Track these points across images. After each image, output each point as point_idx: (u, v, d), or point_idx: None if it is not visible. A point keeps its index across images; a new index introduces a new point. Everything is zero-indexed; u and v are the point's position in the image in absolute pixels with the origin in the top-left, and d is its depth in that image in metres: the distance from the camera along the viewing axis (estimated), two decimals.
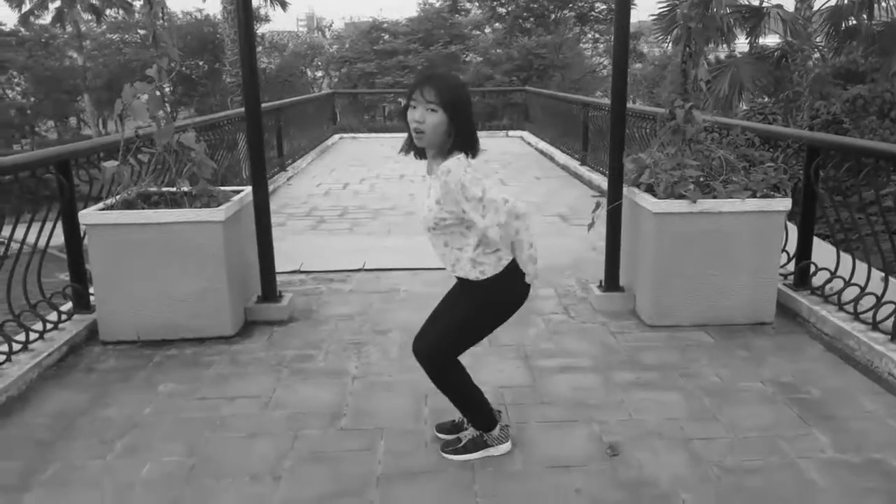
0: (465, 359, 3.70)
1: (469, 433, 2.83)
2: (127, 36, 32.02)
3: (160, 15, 4.01)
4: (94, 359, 3.85)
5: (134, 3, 30.41)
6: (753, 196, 4.01)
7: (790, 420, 3.07)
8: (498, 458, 2.78)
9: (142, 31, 32.18)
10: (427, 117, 2.39)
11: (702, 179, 4.12)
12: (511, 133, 16.67)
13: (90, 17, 30.65)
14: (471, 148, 2.48)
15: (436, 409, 3.18)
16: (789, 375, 3.50)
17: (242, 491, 2.61)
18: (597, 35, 31.82)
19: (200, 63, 30.45)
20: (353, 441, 2.94)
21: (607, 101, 10.85)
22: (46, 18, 30.26)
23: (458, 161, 2.42)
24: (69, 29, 30.23)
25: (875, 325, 3.74)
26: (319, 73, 34.53)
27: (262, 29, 31.13)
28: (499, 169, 11.00)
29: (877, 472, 2.67)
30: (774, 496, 2.53)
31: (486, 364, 3.65)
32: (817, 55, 12.96)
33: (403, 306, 4.61)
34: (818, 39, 12.37)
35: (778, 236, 4.12)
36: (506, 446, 2.80)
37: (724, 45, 13.03)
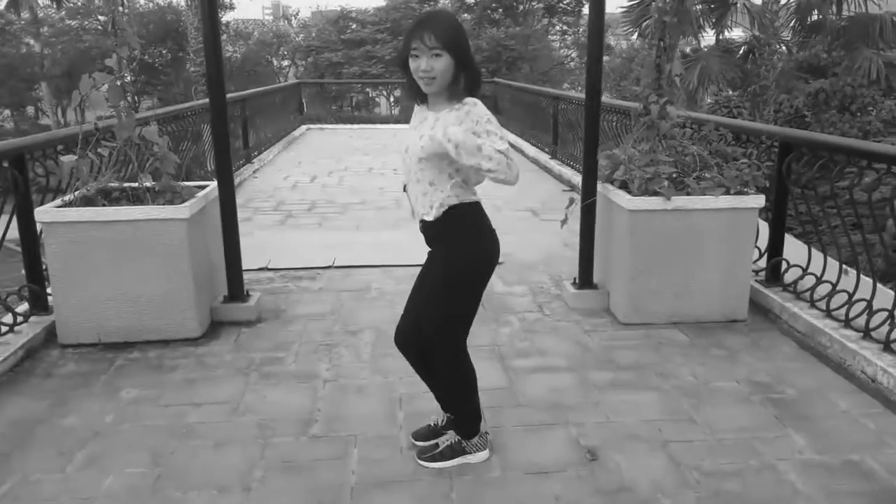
0: None
1: (448, 438, 2.76)
2: (87, 22, 31.14)
3: (120, 2, 3.84)
4: (53, 363, 3.69)
5: None
6: (727, 193, 3.99)
7: (766, 421, 3.06)
8: (475, 465, 2.71)
9: (102, 18, 31.34)
10: (434, 64, 2.31)
11: (675, 176, 4.10)
12: None
13: (48, 2, 29.73)
14: (478, 87, 2.46)
15: (411, 412, 3.11)
16: (764, 374, 3.49)
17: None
18: (565, 27, 31.85)
19: (163, 51, 29.74)
20: (326, 449, 2.84)
21: (577, 94, 10.85)
22: (1, 4, 29.27)
23: (480, 103, 2.41)
24: (25, 15, 29.28)
25: (847, 323, 3.75)
26: (286, 63, 34.03)
27: (226, 17, 30.53)
28: None
29: (856, 474, 2.66)
30: (754, 500, 2.51)
31: None
32: (783, 49, 13.10)
33: (375, 305, 4.52)
34: (784, 34, 12.50)
35: (751, 233, 4.12)
36: (484, 454, 2.73)
37: (692, 39, 13.13)
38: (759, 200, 4.02)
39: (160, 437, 2.96)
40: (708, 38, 13.19)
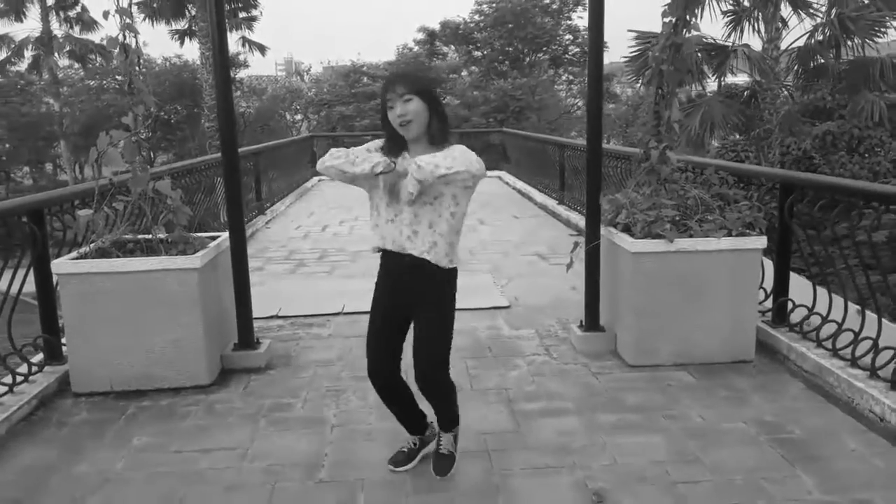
0: None
1: (446, 441, 3.00)
2: (105, 82, 32.06)
3: (136, 62, 4.01)
4: (66, 412, 3.74)
5: (112, 50, 30.55)
6: (729, 234, 4.04)
7: (775, 461, 3.04)
8: (483, 501, 2.72)
9: (119, 77, 32.28)
10: (407, 107, 2.58)
11: (678, 219, 4.16)
12: (489, 173, 16.81)
13: (67, 64, 30.66)
14: (447, 128, 2.71)
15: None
16: (771, 415, 3.49)
17: None
18: (571, 77, 32.43)
19: (179, 108, 30.50)
20: (333, 494, 2.86)
21: (582, 141, 11.02)
22: (23, 66, 30.21)
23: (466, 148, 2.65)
24: (45, 76, 30.19)
25: (854, 362, 3.75)
26: (298, 117, 34.74)
27: (241, 73, 31.32)
28: (477, 209, 11.06)
29: None
30: None
31: (468, 409, 3.59)
32: (786, 93, 13.28)
33: None
34: (788, 78, 12.69)
35: (754, 274, 4.15)
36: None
37: (696, 85, 13.35)
38: (761, 241, 4.07)
39: (170, 483, 2.99)
40: (713, 84, 13.44)
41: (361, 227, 9.48)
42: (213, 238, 4.32)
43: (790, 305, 4.42)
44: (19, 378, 3.86)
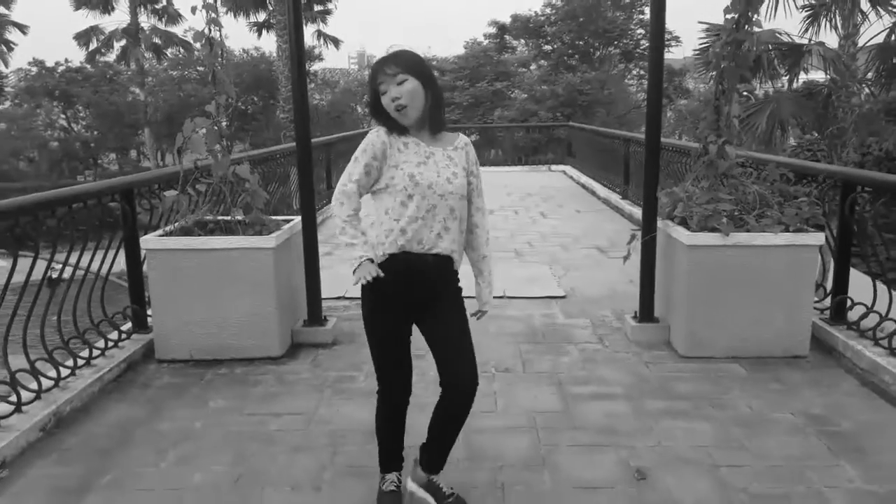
0: (499, 383, 3.84)
1: (445, 484, 2.74)
2: (186, 73, 33.40)
3: (219, 55, 4.31)
4: (150, 376, 4.09)
5: (194, 42, 31.78)
6: (786, 230, 4.07)
7: (819, 451, 3.10)
8: (528, 479, 2.89)
9: (200, 69, 33.53)
10: (402, 89, 2.31)
11: (735, 213, 4.20)
12: (553, 167, 16.84)
13: (152, 55, 32.07)
14: (442, 107, 2.50)
15: (467, 428, 3.31)
16: (821, 408, 3.52)
17: (285, 500, 2.77)
18: (642, 72, 31.88)
19: (255, 99, 31.55)
20: None
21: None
22: (111, 56, 31.76)
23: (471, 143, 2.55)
24: (132, 66, 31.66)
25: None
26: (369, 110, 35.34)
27: (314, 66, 32.11)
28: (539, 202, 11.15)
29: None
30: None
31: (520, 390, 3.77)
32: (866, 92, 12.84)
33: None
34: (866, 76, 12.26)
35: (811, 270, 4.16)
36: None
37: (769, 82, 13.03)
38: (818, 238, 4.08)
39: (242, 441, 3.27)
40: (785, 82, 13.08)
41: None
42: (287, 221, 4.60)
43: (849, 303, 4.40)
44: (110, 343, 4.24)
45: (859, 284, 4.55)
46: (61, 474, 3.00)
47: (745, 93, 14.50)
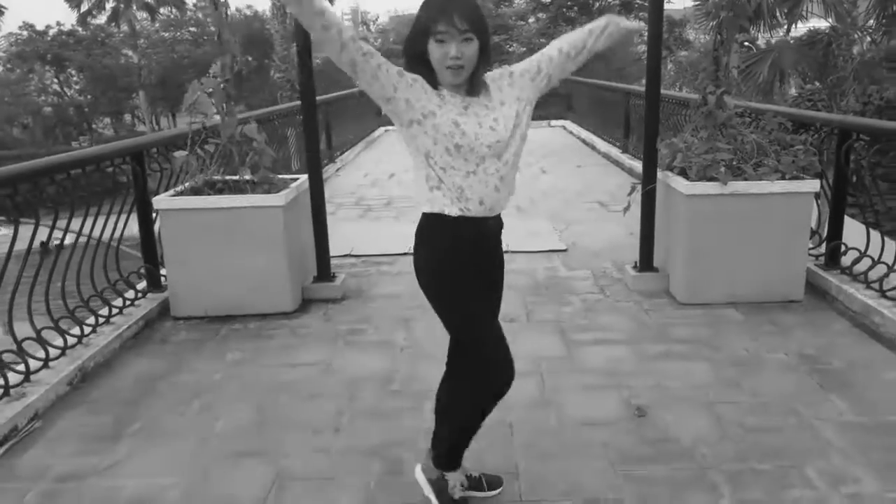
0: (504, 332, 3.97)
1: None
2: (178, 34, 33.02)
3: (224, 14, 4.36)
4: (167, 332, 4.24)
5: (186, 0, 31.32)
6: (783, 178, 4.17)
7: (811, 388, 3.26)
8: (535, 416, 3.05)
9: (193, 29, 33.12)
10: (465, 49, 2.03)
11: (733, 163, 4.29)
12: (553, 123, 16.80)
13: (144, 16, 31.67)
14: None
15: None
16: (813, 348, 3.68)
17: (308, 441, 2.94)
18: (642, 23, 31.49)
19: (249, 59, 31.25)
20: (404, 401, 3.25)
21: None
22: (103, 18, 31.39)
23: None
24: (124, 28, 31.30)
25: None
26: None
27: None
28: (540, 158, 11.20)
29: (890, 433, 2.86)
30: (790, 452, 2.75)
31: (524, 337, 3.91)
32: (868, 40, 12.77)
33: None
34: (868, 24, 12.19)
35: (806, 217, 4.27)
36: None
37: (769, 32, 12.96)
38: (814, 185, 4.18)
39: (261, 391, 3.42)
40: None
41: None
42: (294, 179, 4.70)
43: (843, 248, 4.52)
44: (127, 302, 4.38)
45: (854, 231, 4.66)
46: (92, 423, 3.16)
47: (745, 43, 14.46)
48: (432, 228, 2.19)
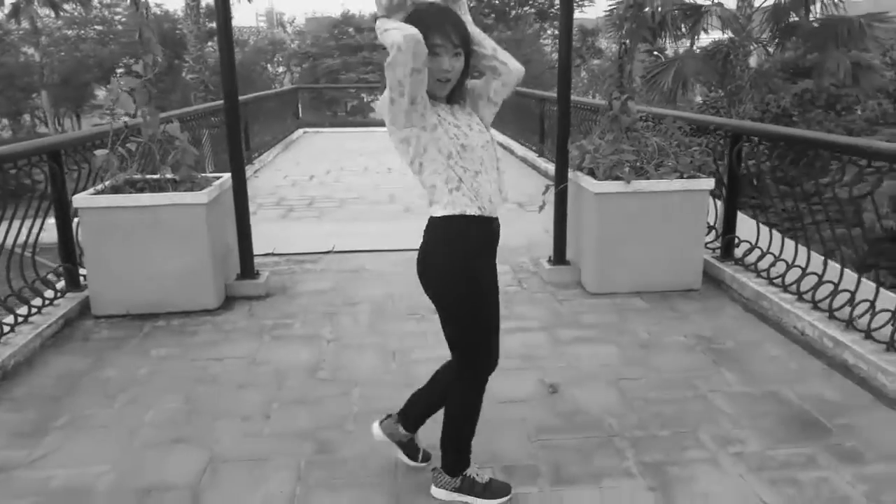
0: (428, 323, 4.15)
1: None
2: (83, 31, 31.68)
3: (145, 15, 4.37)
4: (89, 330, 4.20)
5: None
6: (681, 177, 4.53)
7: (705, 364, 3.60)
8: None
9: (98, 27, 31.89)
10: (455, 64, 2.17)
11: (637, 164, 4.63)
12: None
13: (47, 13, 30.24)
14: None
15: (404, 362, 3.64)
16: (709, 330, 4.03)
17: (238, 427, 3.03)
18: (556, 31, 32.52)
19: (159, 59, 30.29)
20: (331, 388, 3.38)
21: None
22: (1, 14, 29.77)
23: None
24: (25, 25, 29.79)
25: (785, 288, 4.30)
26: (281, 69, 34.61)
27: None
28: None
29: (773, 401, 3.21)
30: (686, 419, 3.05)
31: None
32: (762, 51, 13.72)
33: (370, 283, 5.04)
34: (763, 36, 13.08)
35: (702, 212, 4.66)
36: None
37: (674, 43, 13.72)
38: (709, 183, 4.57)
39: (189, 383, 3.48)
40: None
41: (347, 177, 9.88)
42: (217, 178, 4.73)
43: (736, 241, 4.94)
44: (46, 301, 4.31)
45: (748, 226, 5.10)
46: (16, 420, 3.14)
47: (655, 52, 15.23)
48: (454, 229, 2.23)
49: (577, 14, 30.22)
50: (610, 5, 12.68)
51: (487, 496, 2.52)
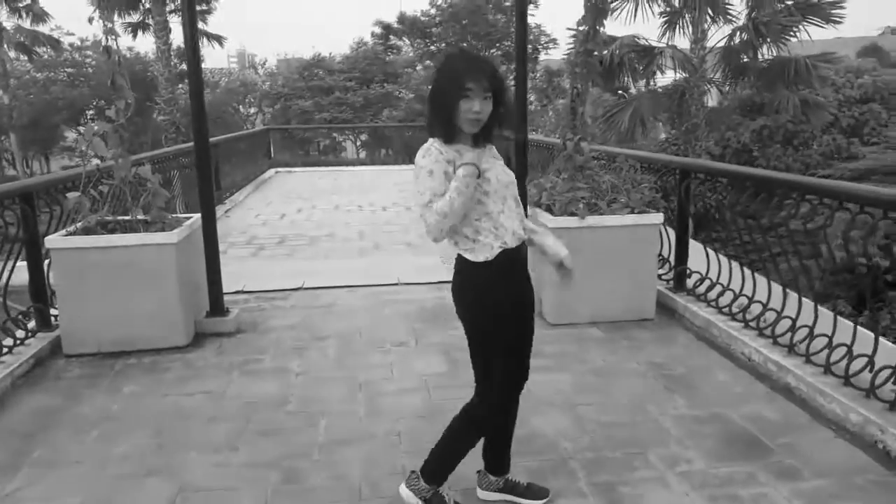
0: (394, 356, 4.29)
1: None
2: (52, 74, 31.66)
3: (117, 62, 4.54)
4: (61, 369, 4.28)
5: (61, 39, 30.25)
6: (632, 212, 4.78)
7: (657, 389, 3.79)
8: (420, 427, 3.39)
9: (69, 70, 31.93)
10: (485, 107, 2.38)
11: (591, 200, 4.88)
12: None
13: (17, 55, 30.22)
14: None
15: (371, 394, 3.78)
16: (662, 358, 4.24)
17: (208, 459, 3.13)
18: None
19: (129, 102, 30.34)
20: (299, 420, 3.50)
21: (531, 135, 11.82)
22: None
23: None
24: None
25: (732, 316, 4.53)
26: (253, 110, 34.83)
27: None
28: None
29: (717, 422, 3.40)
30: (637, 441, 3.22)
31: (413, 358, 4.26)
32: (714, 90, 14.29)
33: (340, 318, 5.18)
34: (715, 76, 13.66)
35: (653, 245, 4.91)
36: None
37: (635, 83, 14.25)
38: (658, 218, 4.82)
39: (160, 418, 3.57)
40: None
41: (318, 216, 10.04)
42: (187, 218, 4.88)
43: (688, 272, 5.19)
44: (17, 342, 4.38)
45: (696, 257, 5.35)
46: None
47: (619, 91, 15.74)
48: (481, 272, 2.58)
49: (542, 56, 31.16)
50: (569, 47, 13.23)
51: None
